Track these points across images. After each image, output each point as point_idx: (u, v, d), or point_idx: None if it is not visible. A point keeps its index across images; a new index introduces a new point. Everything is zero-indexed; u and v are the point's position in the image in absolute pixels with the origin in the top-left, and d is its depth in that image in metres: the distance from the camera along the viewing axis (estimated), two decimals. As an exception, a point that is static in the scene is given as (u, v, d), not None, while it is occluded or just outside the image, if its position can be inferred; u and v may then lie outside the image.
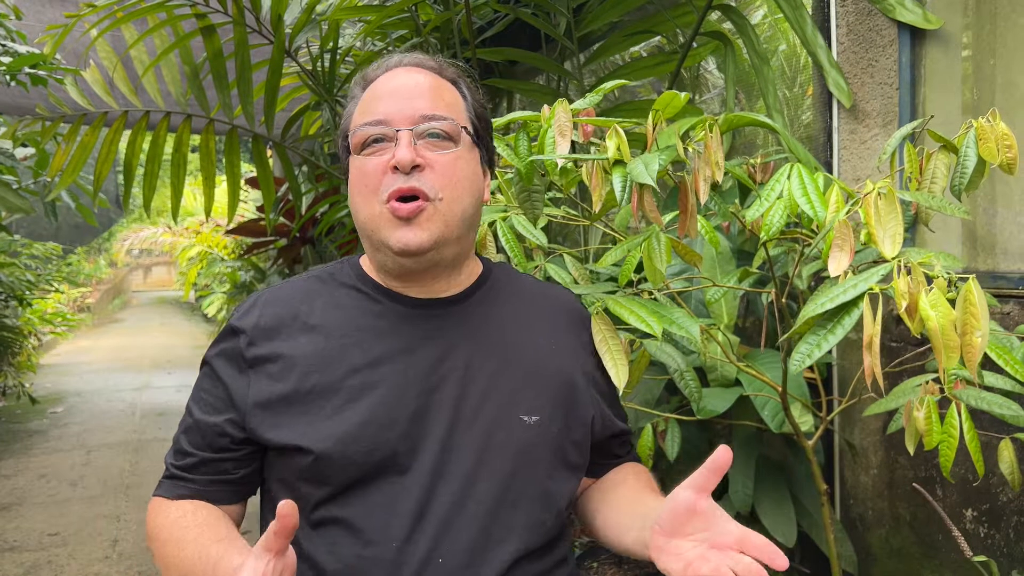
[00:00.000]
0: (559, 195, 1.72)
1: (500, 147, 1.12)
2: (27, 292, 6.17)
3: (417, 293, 1.01)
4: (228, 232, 5.31)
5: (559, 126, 1.08)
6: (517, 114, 1.14)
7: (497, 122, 1.14)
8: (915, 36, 1.77)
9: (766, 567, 0.76)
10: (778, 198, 1.17)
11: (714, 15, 2.24)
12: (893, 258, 0.97)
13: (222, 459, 0.98)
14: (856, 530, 1.88)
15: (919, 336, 0.96)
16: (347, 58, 3.45)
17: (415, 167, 0.93)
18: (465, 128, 0.98)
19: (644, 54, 2.86)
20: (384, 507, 0.90)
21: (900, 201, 1.07)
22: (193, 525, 0.92)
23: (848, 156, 1.87)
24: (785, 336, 1.03)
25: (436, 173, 0.94)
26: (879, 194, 0.99)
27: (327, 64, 3.22)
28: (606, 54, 2.50)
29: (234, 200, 3.51)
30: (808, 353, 0.97)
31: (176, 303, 16.04)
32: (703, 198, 1.04)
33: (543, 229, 1.53)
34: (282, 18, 3.03)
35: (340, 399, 0.93)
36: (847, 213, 1.02)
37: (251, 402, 0.94)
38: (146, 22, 3.08)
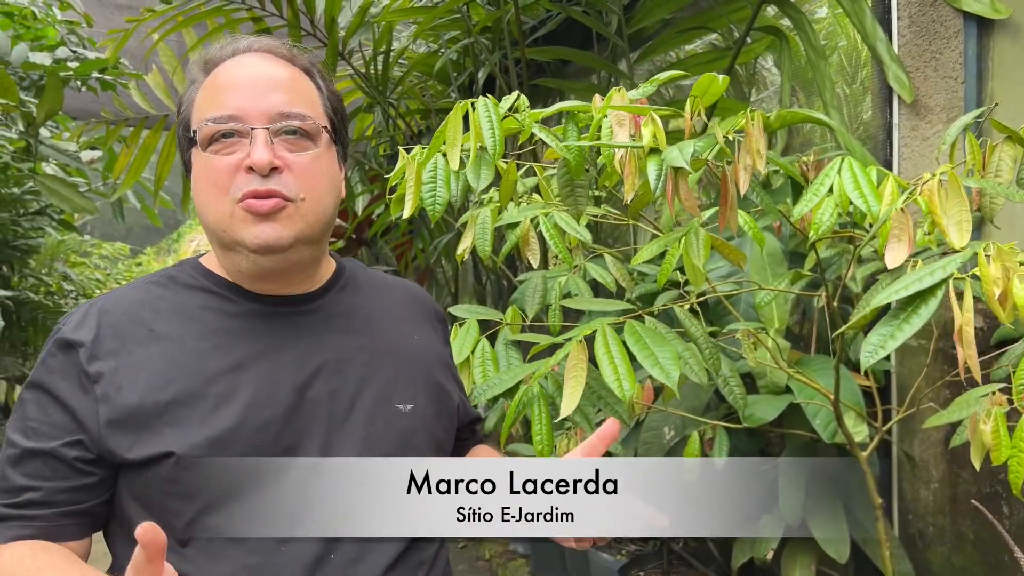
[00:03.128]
0: (601, 193, 1.68)
1: (547, 138, 1.08)
2: (96, 291, 6.38)
3: (274, 291, 0.95)
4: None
5: (617, 116, 1.04)
6: (566, 104, 1.11)
7: (544, 113, 1.11)
8: (982, 27, 1.68)
9: None
10: (828, 193, 1.11)
11: (770, 10, 2.17)
12: (962, 247, 0.90)
13: (71, 488, 0.86)
14: (915, 547, 1.79)
15: (1011, 325, 0.89)
16: (400, 60, 3.47)
17: (273, 168, 0.87)
18: (325, 127, 0.93)
19: (698, 51, 2.79)
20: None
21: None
22: (43, 568, 0.81)
23: (909, 154, 1.79)
24: (843, 329, 0.97)
25: (295, 175, 0.89)
26: (942, 181, 0.92)
27: (380, 66, 3.23)
28: (658, 51, 2.45)
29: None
30: (881, 344, 0.90)
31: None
32: (743, 188, 0.99)
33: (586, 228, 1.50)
34: (335, 20, 3.06)
35: (207, 405, 0.86)
36: (904, 203, 0.96)
37: (103, 420, 0.84)
38: (206, 26, 3.15)
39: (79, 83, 3.84)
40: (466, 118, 1.11)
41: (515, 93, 1.10)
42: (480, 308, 1.29)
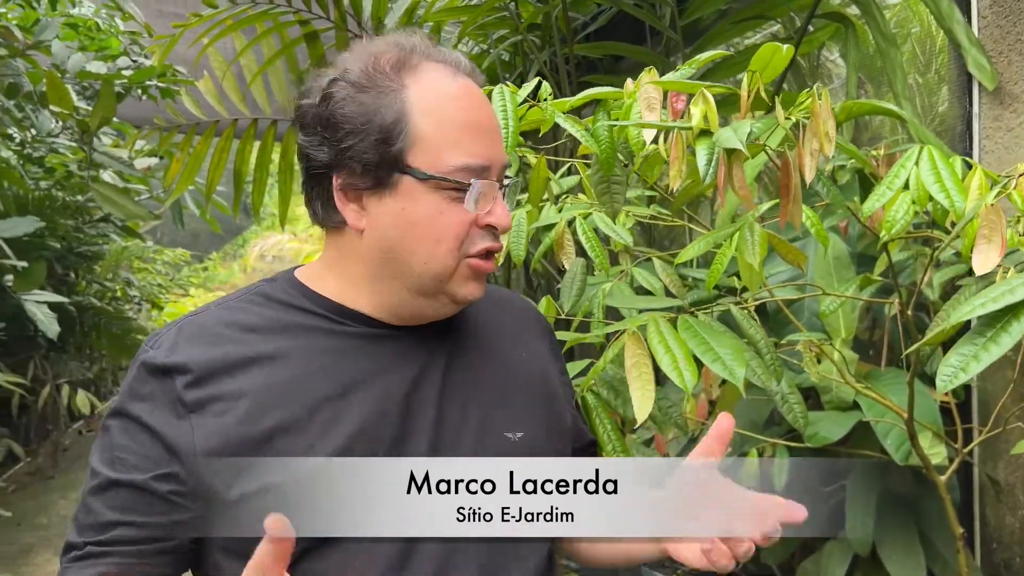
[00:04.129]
0: (650, 192, 1.57)
1: (572, 128, 0.98)
2: (160, 296, 6.50)
3: (400, 323, 0.88)
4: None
5: (646, 98, 0.94)
6: (595, 91, 1.00)
7: (570, 101, 1.01)
8: (1076, 4, 1.52)
9: None
10: (903, 188, 0.98)
11: (835, -4, 2.03)
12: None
13: (163, 524, 0.79)
14: (1001, 579, 1.63)
15: None
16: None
17: None
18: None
19: (757, 43, 2.65)
20: (367, 552, 0.77)
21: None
22: None
23: (992, 147, 1.63)
24: (915, 347, 0.85)
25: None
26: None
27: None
28: (713, 44, 2.32)
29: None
30: (962, 366, 0.78)
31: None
32: (809, 177, 0.87)
33: (630, 229, 1.39)
34: (383, 21, 3.01)
35: (311, 435, 0.79)
36: (996, 198, 0.83)
37: (199, 450, 0.78)
38: (255, 31, 3.13)
39: (139, 91, 3.90)
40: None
41: (535, 79, 1.00)
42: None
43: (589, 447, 1.06)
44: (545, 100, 0.98)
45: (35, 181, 4.22)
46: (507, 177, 0.86)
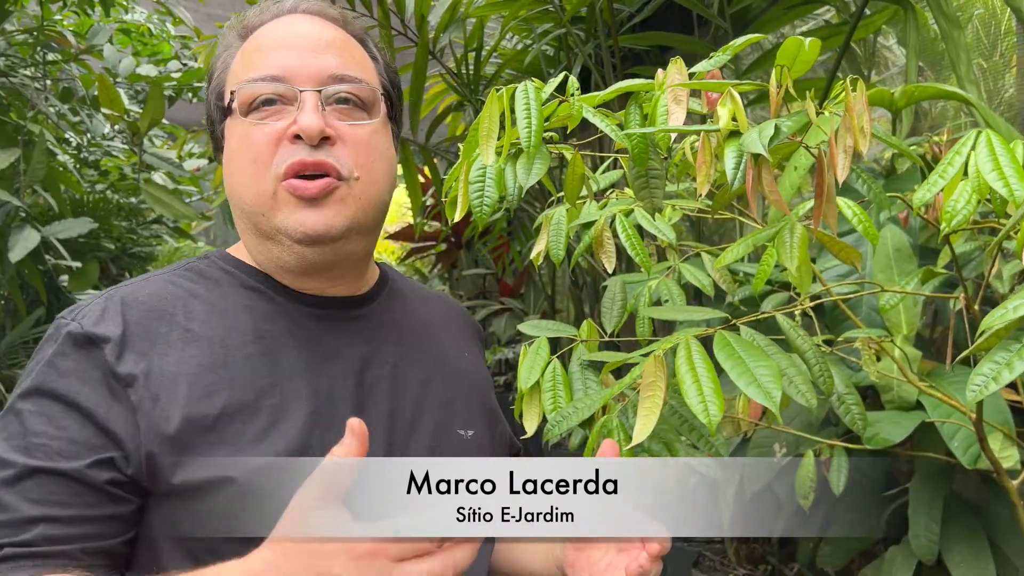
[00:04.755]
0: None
1: (602, 124, 0.94)
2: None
3: (320, 290, 0.82)
4: (388, 237, 5.41)
5: (673, 92, 0.89)
6: (626, 83, 0.96)
7: (601, 96, 0.96)
8: None
9: None
10: (961, 176, 0.92)
11: (892, -23, 1.94)
12: None
13: (99, 518, 0.69)
14: (1078, 590, 1.53)
15: None
16: (494, 57, 3.38)
17: (323, 139, 0.75)
18: (383, 95, 0.82)
19: (810, 29, 2.56)
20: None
21: None
22: None
23: (1065, 131, 1.53)
24: (964, 354, 0.79)
25: (349, 148, 0.76)
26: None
27: (471, 65, 3.15)
28: (764, 32, 2.24)
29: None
30: (994, 376, 0.72)
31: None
32: (841, 176, 0.81)
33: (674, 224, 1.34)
34: (426, 18, 2.99)
35: (261, 422, 0.73)
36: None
37: (152, 432, 0.69)
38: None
39: (190, 94, 3.95)
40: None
41: (563, 74, 0.96)
42: (551, 324, 1.15)
43: (518, 455, 1.03)
44: (572, 95, 0.94)
45: (91, 184, 4.32)
46: (340, 89, 0.78)
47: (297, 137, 0.75)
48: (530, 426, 1.06)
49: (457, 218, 1.06)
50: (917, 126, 2.13)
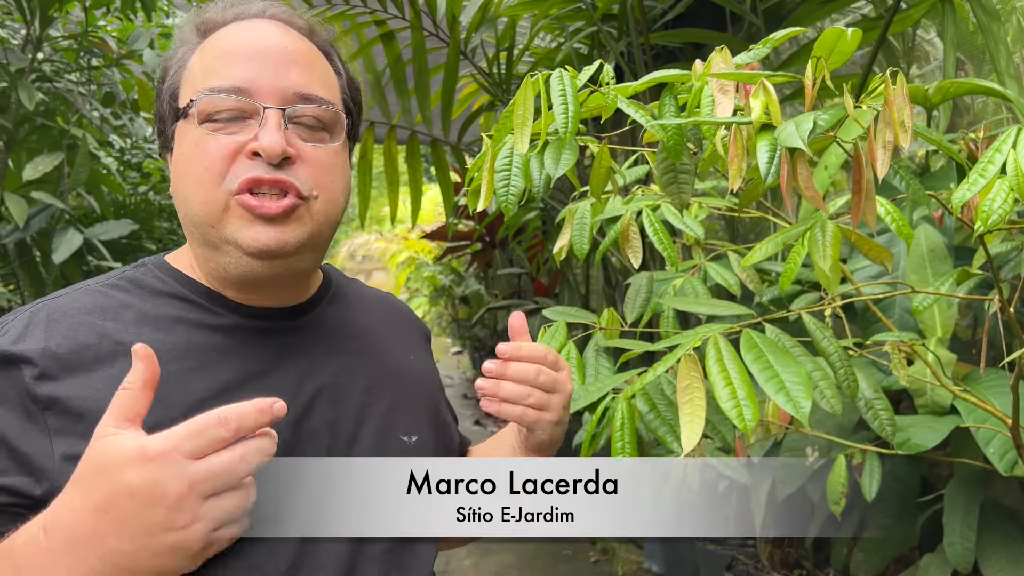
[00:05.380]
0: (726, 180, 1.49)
1: (636, 114, 0.93)
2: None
3: (259, 302, 0.79)
4: (424, 237, 5.44)
5: (720, 82, 0.87)
6: (660, 73, 0.94)
7: (634, 86, 0.95)
8: None
9: None
10: (999, 174, 0.89)
11: (930, -30, 1.89)
12: None
13: None
14: (1123, 602, 1.48)
15: None
16: (526, 57, 3.37)
17: (284, 159, 0.73)
18: (346, 117, 0.80)
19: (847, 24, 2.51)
20: (258, 567, 0.70)
21: None
22: None
23: (1110, 126, 1.48)
24: (1011, 358, 0.76)
25: (310, 168, 0.75)
26: None
27: (503, 65, 3.15)
28: (797, 27, 2.20)
29: (416, 204, 3.55)
30: None
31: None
32: (881, 172, 0.79)
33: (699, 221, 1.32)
34: (457, 19, 3.00)
35: None
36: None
37: (59, 458, 0.66)
38: (334, 33, 3.17)
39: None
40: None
41: (598, 62, 0.95)
42: (573, 310, 1.14)
43: (464, 452, 1.02)
44: (607, 84, 0.92)
45: (133, 186, 4.41)
46: (304, 110, 0.76)
47: (256, 154, 0.73)
48: None
49: (480, 207, 1.05)
50: (957, 122, 2.08)
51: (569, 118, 0.86)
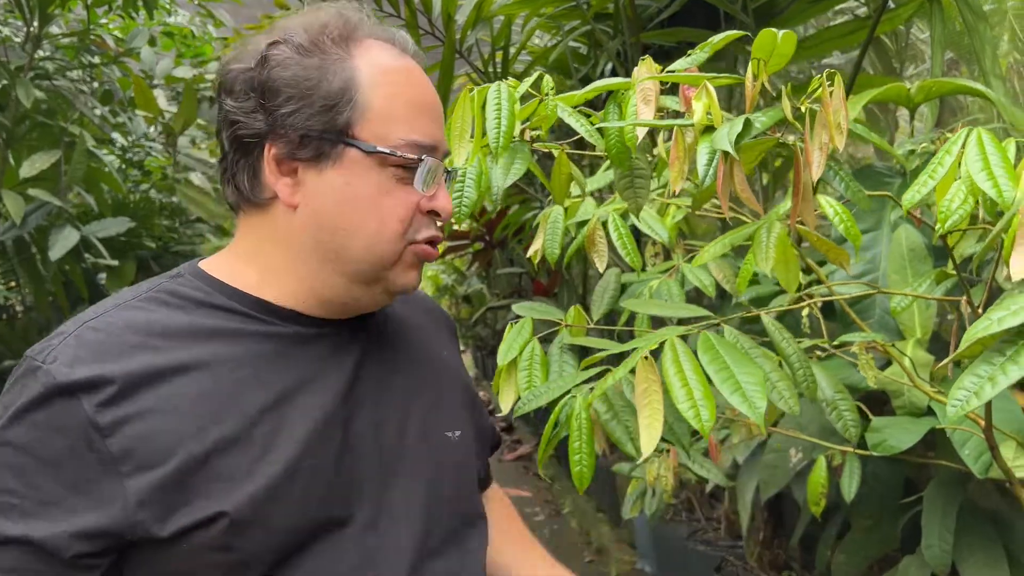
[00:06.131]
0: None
1: (575, 122, 0.93)
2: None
3: (326, 315, 0.79)
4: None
5: (643, 90, 0.87)
6: (604, 82, 0.94)
7: (579, 95, 0.95)
8: None
9: None
10: (954, 176, 0.88)
11: (920, -31, 1.88)
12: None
13: None
14: (1103, 606, 1.47)
15: None
16: (523, 56, 3.37)
17: None
18: None
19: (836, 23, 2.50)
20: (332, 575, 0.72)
21: None
22: None
23: (1094, 126, 1.47)
24: (947, 361, 0.76)
25: None
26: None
27: (499, 64, 3.15)
28: (788, 26, 2.20)
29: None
30: (975, 390, 0.70)
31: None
32: (816, 173, 0.79)
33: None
34: (453, 18, 3.00)
35: (254, 451, 0.69)
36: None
37: (131, 492, 0.64)
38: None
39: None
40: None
41: (537, 73, 0.95)
42: (540, 306, 1.14)
43: (496, 448, 1.06)
44: (547, 94, 0.93)
45: (135, 184, 4.43)
46: (448, 170, 0.83)
47: (433, 213, 0.78)
48: (505, 404, 1.07)
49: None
50: (945, 120, 2.07)
51: (502, 133, 0.86)
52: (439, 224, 0.80)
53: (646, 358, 0.89)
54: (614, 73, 2.87)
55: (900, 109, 2.37)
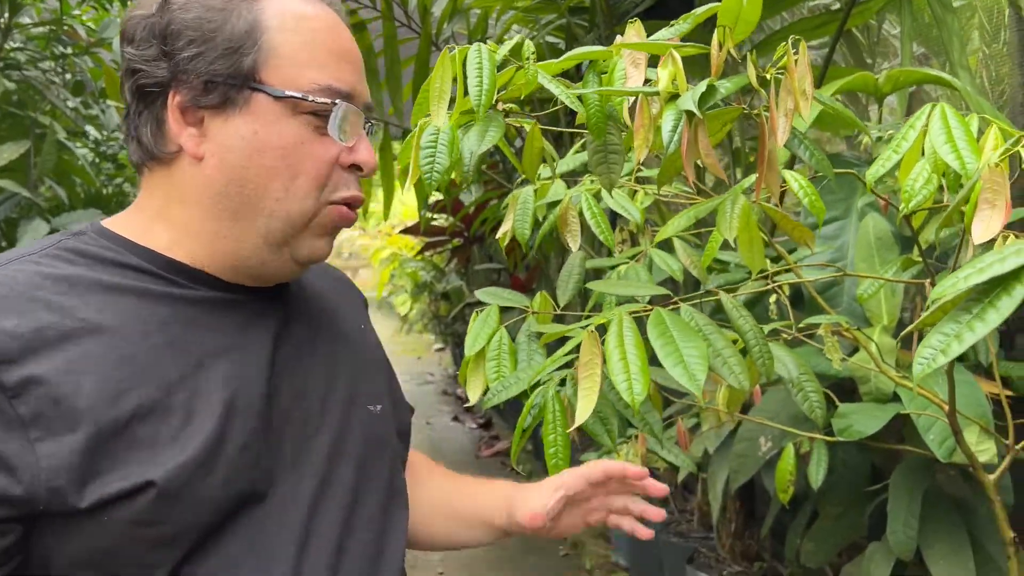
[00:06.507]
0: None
1: (556, 88, 0.92)
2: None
3: (241, 282, 0.75)
4: (401, 232, 5.43)
5: (632, 56, 0.86)
6: (583, 50, 0.94)
7: (557, 63, 0.94)
8: None
9: None
10: (919, 154, 0.89)
11: (891, -38, 1.89)
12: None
13: None
14: (1066, 591, 1.48)
15: None
16: (499, 49, 3.36)
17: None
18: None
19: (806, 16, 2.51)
20: (255, 552, 0.68)
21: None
22: None
23: (1058, 117, 1.48)
24: (912, 327, 0.76)
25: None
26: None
27: (476, 56, 3.14)
28: (762, 18, 2.21)
29: (390, 198, 3.53)
30: (942, 348, 0.69)
31: (376, 302, 16.96)
32: (781, 140, 0.79)
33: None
34: (429, 10, 2.99)
35: (175, 419, 0.65)
36: (1002, 156, 0.73)
37: (42, 456, 0.60)
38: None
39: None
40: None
41: (518, 36, 0.94)
42: (506, 292, 1.13)
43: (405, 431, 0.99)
44: (528, 59, 0.92)
45: (108, 177, 4.38)
46: (371, 119, 0.77)
47: (355, 167, 0.73)
48: (474, 394, 1.05)
49: (408, 186, 1.04)
50: (915, 110, 2.08)
51: (484, 91, 0.85)
52: (360, 178, 0.75)
53: (591, 332, 0.89)
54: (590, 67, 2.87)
55: (871, 103, 2.38)
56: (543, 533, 0.90)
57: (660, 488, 0.87)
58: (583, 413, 0.84)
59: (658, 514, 0.88)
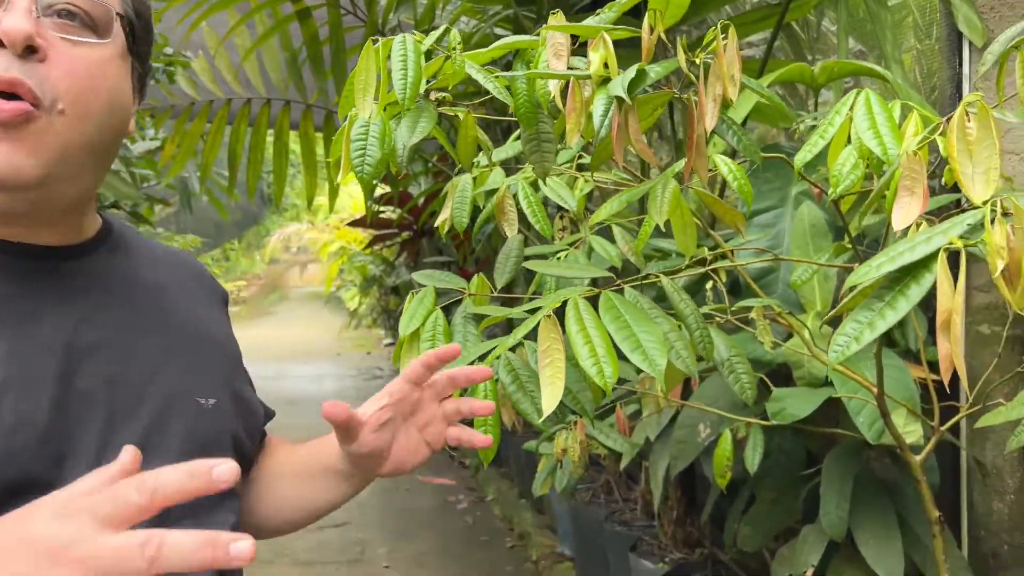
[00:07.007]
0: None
1: (489, 83, 0.92)
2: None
3: (19, 237, 0.66)
4: (348, 224, 5.37)
5: (554, 45, 0.87)
6: (511, 39, 0.94)
7: (485, 53, 0.94)
8: (1073, -46, 1.41)
9: None
10: (845, 140, 0.91)
11: (827, -42, 1.93)
12: (985, 202, 0.70)
13: None
14: (988, 568, 1.54)
15: (1023, 313, 0.68)
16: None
17: (30, 49, 0.59)
18: (121, 17, 0.65)
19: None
20: None
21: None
22: None
23: (984, 110, 1.53)
24: (831, 314, 0.78)
25: (62, 70, 0.61)
26: (967, 113, 0.71)
27: (423, 45, 3.12)
28: (701, 13, 2.23)
29: (335, 189, 3.50)
30: (856, 335, 0.71)
31: (325, 297, 16.82)
32: (710, 124, 0.80)
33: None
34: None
35: None
36: (921, 144, 0.75)
37: None
38: (248, 7, 3.09)
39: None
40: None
41: (444, 27, 0.93)
42: (443, 274, 1.13)
43: (267, 421, 0.94)
44: (455, 49, 0.91)
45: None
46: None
47: None
48: None
49: (340, 179, 1.03)
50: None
51: (408, 84, 0.84)
52: (14, 59, 0.60)
53: (548, 317, 0.89)
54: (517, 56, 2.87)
55: (810, 98, 2.42)
56: (390, 468, 0.81)
57: (486, 406, 0.79)
58: (550, 403, 0.83)
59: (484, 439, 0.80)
